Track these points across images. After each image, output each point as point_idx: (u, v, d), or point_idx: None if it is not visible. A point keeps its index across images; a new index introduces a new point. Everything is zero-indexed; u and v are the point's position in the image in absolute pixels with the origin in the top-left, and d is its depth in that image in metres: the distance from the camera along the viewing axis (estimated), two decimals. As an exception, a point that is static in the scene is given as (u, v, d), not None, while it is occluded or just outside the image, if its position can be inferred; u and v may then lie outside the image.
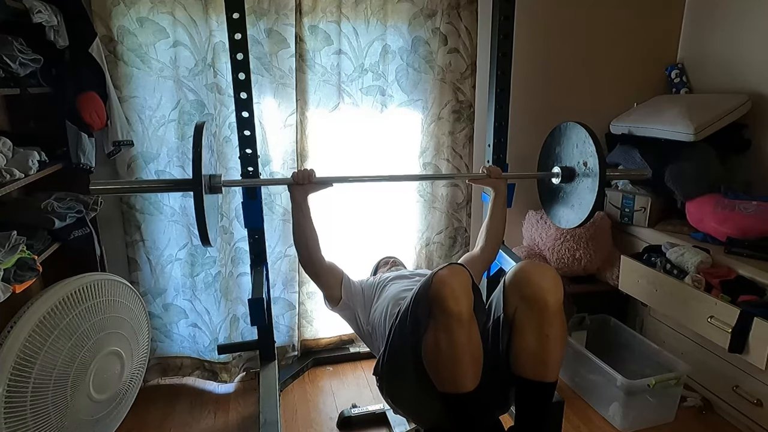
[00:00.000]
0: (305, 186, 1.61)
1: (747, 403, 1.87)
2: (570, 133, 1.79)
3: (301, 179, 1.60)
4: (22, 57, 1.61)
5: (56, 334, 1.56)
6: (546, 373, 1.27)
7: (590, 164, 1.69)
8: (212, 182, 1.55)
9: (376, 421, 2.02)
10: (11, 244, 1.48)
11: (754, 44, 2.25)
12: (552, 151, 1.89)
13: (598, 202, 1.66)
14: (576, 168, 1.77)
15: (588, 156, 1.70)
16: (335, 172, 2.25)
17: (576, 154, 1.76)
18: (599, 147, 1.66)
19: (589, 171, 1.70)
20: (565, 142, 1.82)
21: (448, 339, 1.20)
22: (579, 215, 1.75)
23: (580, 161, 1.74)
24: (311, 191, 1.64)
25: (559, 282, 1.29)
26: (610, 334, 2.37)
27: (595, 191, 1.66)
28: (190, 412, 2.13)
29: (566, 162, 1.81)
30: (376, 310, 1.63)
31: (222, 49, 2.00)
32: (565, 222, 1.82)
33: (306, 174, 1.61)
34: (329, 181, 1.66)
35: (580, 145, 1.74)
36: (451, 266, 1.24)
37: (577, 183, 1.77)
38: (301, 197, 1.62)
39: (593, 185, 1.67)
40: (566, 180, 1.81)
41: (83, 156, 1.86)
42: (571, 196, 1.80)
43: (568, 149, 1.81)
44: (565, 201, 1.83)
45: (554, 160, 1.87)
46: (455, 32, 2.20)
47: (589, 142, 1.69)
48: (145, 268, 2.17)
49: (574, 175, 1.78)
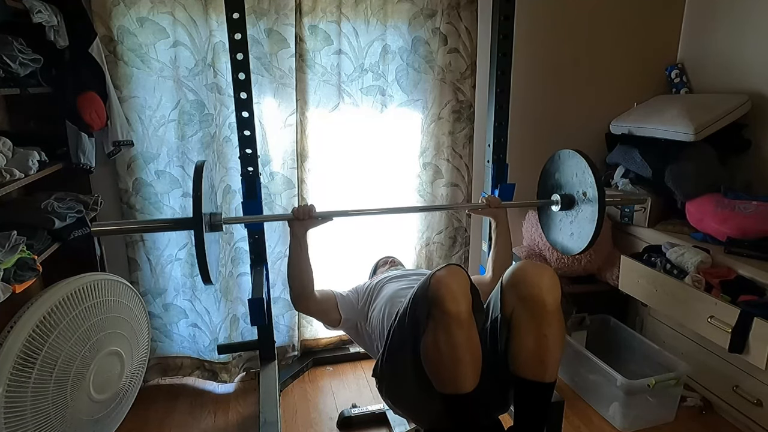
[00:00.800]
0: (305, 221, 1.62)
1: (747, 403, 1.87)
2: (569, 161, 1.80)
3: (301, 215, 1.61)
4: (22, 57, 1.62)
5: (56, 334, 1.56)
6: (544, 373, 1.27)
7: (590, 195, 1.70)
8: (213, 221, 1.57)
9: (376, 421, 2.02)
10: (11, 244, 1.48)
11: (754, 44, 2.25)
12: (551, 177, 1.90)
13: (597, 232, 1.67)
14: (576, 197, 1.78)
15: (587, 186, 1.71)
16: (335, 173, 2.27)
17: (575, 183, 1.78)
18: (598, 177, 1.68)
19: (588, 201, 1.72)
20: (564, 170, 1.83)
21: (447, 340, 1.20)
22: (578, 244, 1.76)
23: (579, 190, 1.76)
24: (311, 226, 1.65)
25: (556, 282, 1.29)
26: (610, 334, 2.37)
27: (594, 221, 1.68)
28: (190, 412, 2.13)
29: (565, 189, 1.83)
30: (374, 311, 1.63)
31: (222, 49, 2.00)
32: (564, 249, 1.85)
33: (306, 210, 1.62)
34: (330, 216, 1.68)
35: (579, 175, 1.75)
36: (450, 267, 1.24)
37: (577, 211, 1.78)
38: (301, 232, 1.63)
39: (593, 215, 1.69)
40: (566, 208, 1.82)
41: (83, 156, 1.86)
42: (570, 224, 1.82)
43: (567, 177, 1.82)
44: (565, 229, 1.84)
45: (553, 187, 1.89)
46: (455, 32, 2.20)
47: (588, 172, 1.70)
48: (145, 268, 2.17)
49: (573, 203, 1.79)
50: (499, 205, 1.81)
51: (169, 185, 2.12)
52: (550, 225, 1.91)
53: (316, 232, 2.29)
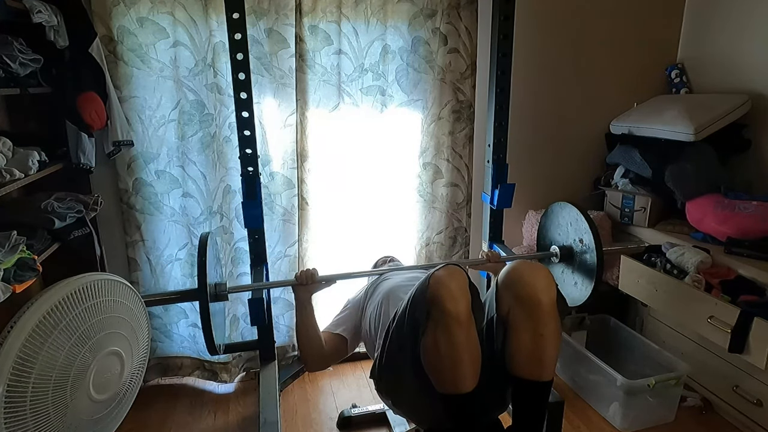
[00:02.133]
0: (309, 286, 1.66)
1: (747, 403, 1.87)
2: (562, 212, 1.87)
3: (304, 280, 1.65)
4: (22, 57, 1.61)
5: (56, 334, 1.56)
6: (542, 372, 1.27)
7: (586, 240, 1.76)
8: (218, 291, 1.60)
9: (376, 421, 2.02)
10: (11, 244, 1.48)
11: (754, 44, 2.24)
12: (548, 231, 1.97)
13: (599, 277, 1.71)
14: (573, 246, 1.83)
15: (583, 233, 1.77)
16: (335, 173, 2.27)
17: (571, 232, 1.84)
18: (592, 223, 1.74)
19: (585, 247, 1.77)
20: (560, 220, 1.89)
21: (446, 340, 1.20)
22: (583, 292, 1.80)
23: (576, 238, 1.81)
24: (315, 290, 1.69)
25: (551, 281, 1.29)
26: (610, 334, 2.37)
27: (594, 267, 1.72)
28: (190, 412, 2.14)
29: (563, 242, 1.88)
30: (370, 307, 1.64)
31: (222, 49, 2.00)
32: (570, 301, 1.87)
33: (309, 274, 1.66)
34: (333, 279, 1.70)
35: (573, 223, 1.82)
36: (448, 267, 1.24)
37: (577, 261, 1.82)
38: (306, 297, 1.66)
39: (592, 261, 1.73)
40: (565, 260, 1.87)
41: (83, 156, 1.86)
42: (572, 274, 1.85)
43: (563, 228, 1.88)
44: (568, 280, 1.88)
45: (551, 242, 1.94)
46: (455, 32, 2.20)
47: (581, 219, 1.77)
48: (145, 268, 2.17)
49: (572, 253, 1.84)
50: (499, 260, 1.84)
51: (169, 185, 2.12)
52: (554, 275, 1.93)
53: (315, 231, 2.30)
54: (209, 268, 1.50)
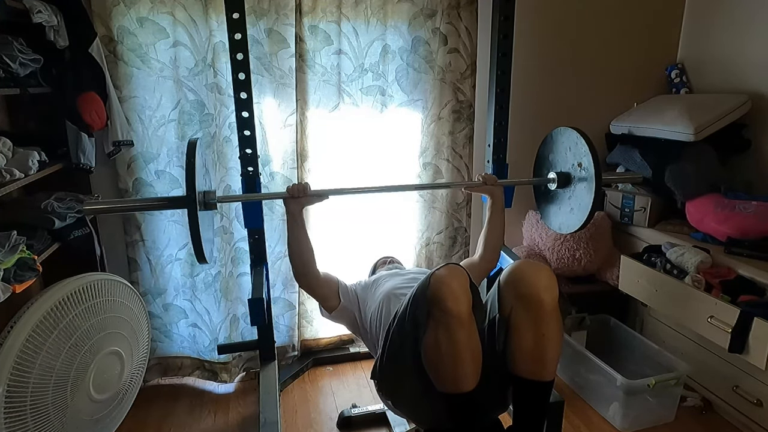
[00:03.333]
0: (300, 199, 1.62)
1: (747, 403, 1.87)
2: (561, 137, 1.80)
3: (296, 192, 1.61)
4: (22, 57, 1.62)
5: (56, 334, 1.56)
6: (543, 371, 1.27)
7: (585, 164, 1.69)
8: (206, 199, 1.55)
9: (376, 421, 2.02)
10: (11, 244, 1.48)
11: (754, 44, 2.25)
12: (545, 159, 1.90)
13: (596, 202, 1.65)
14: (571, 171, 1.77)
15: (582, 156, 1.70)
16: (335, 173, 2.27)
17: (570, 157, 1.77)
18: (592, 146, 1.66)
19: (584, 171, 1.70)
20: (558, 147, 1.82)
21: (448, 339, 1.20)
22: (579, 218, 1.74)
23: (574, 163, 1.74)
24: (307, 204, 1.66)
25: (554, 281, 1.29)
26: (610, 334, 2.37)
27: (592, 191, 1.66)
28: (190, 412, 2.13)
29: (561, 167, 1.82)
30: (371, 308, 1.63)
31: (222, 49, 2.00)
32: (565, 227, 1.82)
33: (301, 187, 1.62)
34: (325, 194, 1.68)
35: (572, 148, 1.75)
36: (449, 266, 1.24)
37: (574, 186, 1.77)
38: (297, 210, 1.63)
39: (590, 185, 1.67)
40: (563, 185, 1.81)
41: (83, 156, 1.86)
42: (569, 200, 1.80)
43: (561, 154, 1.81)
44: (564, 206, 1.83)
45: (549, 168, 1.87)
46: (455, 32, 2.20)
47: (581, 142, 1.69)
48: (145, 268, 2.17)
49: (570, 179, 1.78)
50: (495, 182, 1.81)
51: (169, 185, 2.12)
52: (550, 208, 1.90)
53: (315, 231, 2.30)
54: (198, 175, 1.43)
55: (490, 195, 1.82)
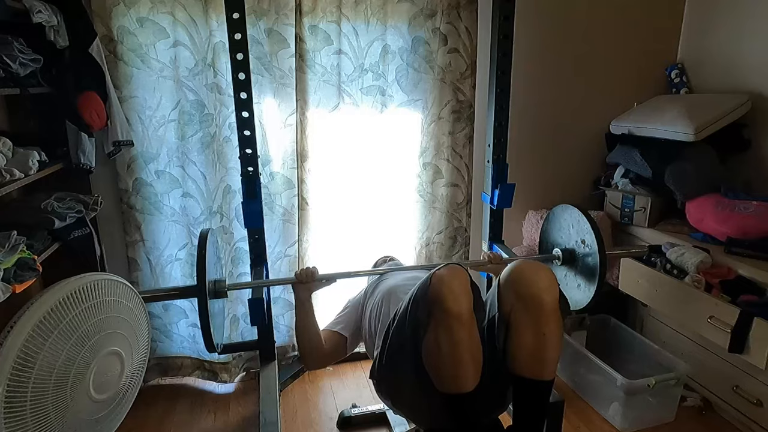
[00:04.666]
0: (309, 284, 1.65)
1: (747, 403, 1.87)
2: (563, 214, 1.86)
3: (304, 278, 1.64)
4: (22, 57, 1.61)
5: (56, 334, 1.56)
6: (543, 371, 1.27)
7: (588, 241, 1.74)
8: (217, 288, 1.58)
9: (376, 421, 2.02)
10: (11, 244, 1.48)
11: (754, 44, 2.25)
12: (549, 235, 1.96)
13: (601, 278, 1.69)
14: (575, 248, 1.82)
15: (585, 233, 1.75)
16: (335, 173, 2.27)
17: (573, 234, 1.82)
18: (593, 223, 1.72)
19: (588, 248, 1.75)
20: (561, 223, 1.88)
21: (448, 339, 1.20)
22: (585, 295, 1.78)
23: (578, 240, 1.79)
24: (315, 289, 1.68)
25: (554, 280, 1.29)
26: (610, 334, 2.37)
27: (597, 268, 1.70)
28: (190, 412, 2.14)
29: (565, 244, 1.87)
30: (370, 307, 1.64)
31: (222, 49, 2.00)
32: (573, 304, 1.84)
33: (309, 272, 1.65)
34: (333, 278, 1.69)
35: (575, 225, 1.80)
36: (450, 266, 1.24)
37: (578, 264, 1.81)
38: (305, 295, 1.66)
39: (594, 263, 1.71)
40: (567, 263, 1.86)
41: (83, 156, 1.86)
42: (575, 277, 1.84)
43: (565, 230, 1.86)
44: (571, 282, 1.86)
45: (553, 245, 1.93)
46: (455, 32, 2.20)
47: (583, 220, 1.75)
48: (145, 268, 2.17)
49: (574, 256, 1.83)
50: (500, 261, 1.82)
51: (169, 185, 2.12)
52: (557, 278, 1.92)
53: (315, 231, 2.30)
54: (209, 264, 1.49)
55: (495, 274, 1.83)
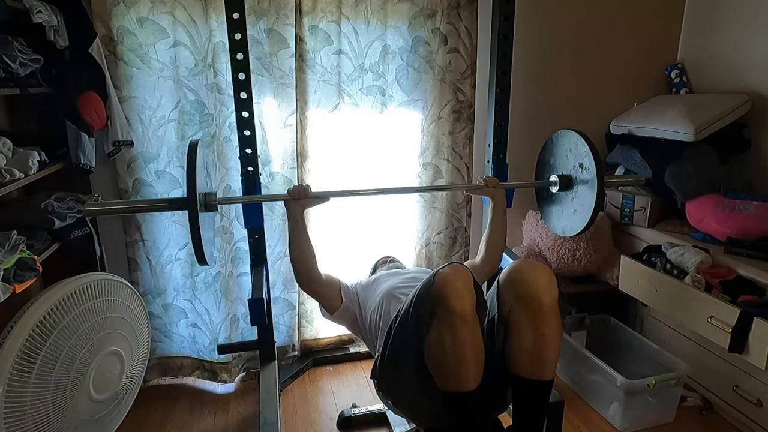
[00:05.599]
0: (301, 201, 1.63)
1: (747, 403, 1.87)
2: (561, 140, 1.81)
3: (297, 194, 1.62)
4: (22, 57, 1.62)
5: (56, 334, 1.56)
6: (543, 371, 1.27)
7: (586, 164, 1.70)
8: (207, 200, 1.55)
9: (376, 421, 2.02)
10: (11, 244, 1.48)
11: (754, 44, 2.25)
12: (547, 163, 1.91)
13: (599, 202, 1.66)
14: (573, 173, 1.78)
15: (583, 157, 1.71)
16: (335, 173, 2.27)
17: (571, 159, 1.77)
18: (592, 146, 1.67)
19: (586, 172, 1.70)
20: (558, 150, 1.83)
21: (451, 338, 1.20)
22: (582, 219, 1.74)
23: (575, 164, 1.75)
24: (308, 206, 1.66)
25: (553, 280, 1.29)
26: (610, 334, 2.37)
27: (594, 191, 1.66)
28: (190, 412, 2.13)
29: (562, 170, 1.83)
30: (371, 307, 1.64)
31: (222, 49, 2.00)
32: (569, 230, 1.82)
33: (302, 189, 1.63)
34: (326, 196, 1.68)
35: (573, 149, 1.75)
36: (453, 265, 1.24)
37: (576, 188, 1.77)
38: (298, 212, 1.63)
39: (592, 185, 1.67)
40: (564, 188, 1.82)
41: (83, 156, 1.86)
42: (571, 202, 1.81)
43: (561, 156, 1.82)
44: (567, 209, 1.83)
45: (550, 172, 1.88)
46: (455, 32, 2.20)
47: (581, 143, 1.70)
48: (145, 268, 2.17)
49: (571, 181, 1.79)
50: (497, 185, 1.81)
51: (169, 185, 2.12)
52: (552, 210, 1.90)
53: (315, 231, 2.30)
54: (199, 177, 1.43)
55: (491, 197, 1.82)
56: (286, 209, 1.66)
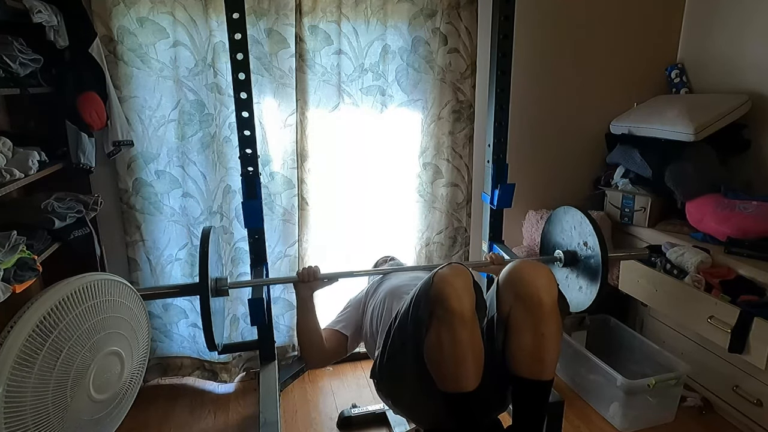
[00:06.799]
0: (311, 283, 1.65)
1: (747, 403, 1.87)
2: (566, 216, 1.85)
3: (306, 277, 1.64)
4: (22, 57, 1.61)
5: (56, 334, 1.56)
6: (543, 371, 1.27)
7: (590, 243, 1.73)
8: (218, 285, 1.58)
9: (376, 421, 2.02)
10: (11, 244, 1.48)
11: (754, 44, 2.25)
12: (551, 238, 1.95)
13: (603, 280, 1.69)
14: (577, 250, 1.81)
15: (587, 235, 1.75)
16: (335, 173, 2.27)
17: (575, 236, 1.81)
18: (596, 226, 1.72)
19: (590, 250, 1.74)
20: (563, 226, 1.87)
21: (450, 338, 1.20)
22: (587, 297, 1.77)
23: (580, 242, 1.79)
24: (316, 288, 1.68)
25: (553, 280, 1.29)
26: (610, 334, 2.37)
27: (599, 270, 1.70)
28: (190, 412, 2.14)
29: (566, 246, 1.87)
30: (372, 307, 1.64)
31: (222, 49, 2.00)
32: (574, 306, 1.84)
33: (311, 272, 1.65)
34: (335, 277, 1.70)
35: (577, 227, 1.80)
36: (452, 265, 1.24)
37: (581, 265, 1.81)
38: (307, 294, 1.66)
39: (596, 264, 1.70)
40: (569, 264, 1.85)
41: (83, 156, 1.86)
42: (577, 279, 1.84)
43: (566, 233, 1.86)
44: (572, 284, 1.86)
45: (555, 247, 1.92)
46: (455, 32, 2.20)
47: (585, 222, 1.74)
48: (145, 268, 2.17)
49: (576, 258, 1.82)
50: (503, 262, 1.82)
51: (169, 185, 2.12)
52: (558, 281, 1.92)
53: (315, 231, 2.30)
54: (210, 262, 1.48)
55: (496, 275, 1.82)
56: (295, 292, 1.69)
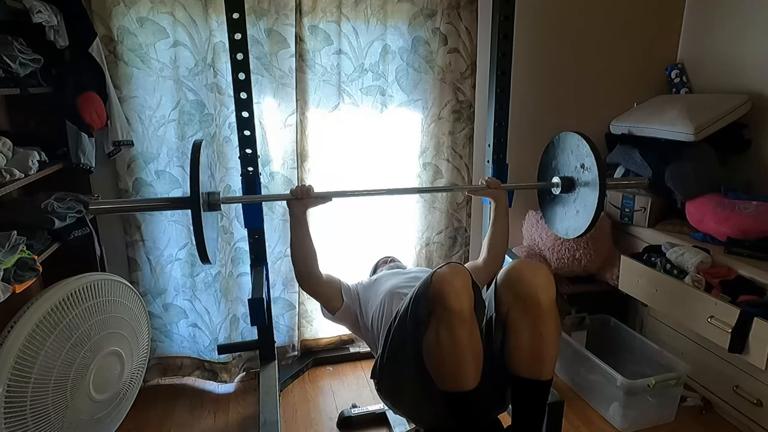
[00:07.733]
0: (304, 200, 1.63)
1: (747, 403, 1.87)
2: (563, 142, 1.82)
3: (299, 194, 1.62)
4: (22, 57, 1.62)
5: (56, 334, 1.56)
6: (541, 371, 1.27)
7: (587, 164, 1.70)
8: (210, 200, 1.56)
9: (376, 421, 2.02)
10: (11, 244, 1.48)
11: (754, 44, 2.25)
12: (549, 165, 1.91)
13: (601, 202, 1.66)
14: (575, 174, 1.78)
15: (584, 157, 1.71)
16: (335, 173, 2.27)
17: (572, 160, 1.78)
18: (594, 146, 1.67)
19: (587, 171, 1.71)
20: (560, 152, 1.84)
21: (449, 337, 1.20)
22: (585, 219, 1.74)
23: (577, 165, 1.75)
24: (310, 206, 1.66)
25: (551, 280, 1.29)
26: (610, 334, 2.36)
27: (596, 190, 1.67)
28: (190, 412, 2.14)
29: (564, 171, 1.83)
30: (372, 307, 1.64)
31: (222, 49, 2.00)
32: (572, 231, 1.82)
33: (305, 189, 1.63)
34: (328, 196, 1.68)
35: (574, 150, 1.76)
36: (451, 265, 1.24)
37: (578, 189, 1.77)
38: (301, 212, 1.64)
39: (594, 185, 1.67)
40: (566, 189, 1.82)
41: (83, 156, 1.86)
42: (574, 203, 1.81)
43: (563, 158, 1.82)
44: (570, 210, 1.83)
45: (552, 173, 1.89)
46: (455, 32, 2.20)
47: (582, 143, 1.71)
48: (145, 268, 2.17)
49: (573, 183, 1.79)
50: (498, 186, 1.81)
51: (169, 185, 2.12)
52: (555, 213, 1.90)
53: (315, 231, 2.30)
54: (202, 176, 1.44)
55: (493, 198, 1.82)
56: (288, 209, 1.66)
